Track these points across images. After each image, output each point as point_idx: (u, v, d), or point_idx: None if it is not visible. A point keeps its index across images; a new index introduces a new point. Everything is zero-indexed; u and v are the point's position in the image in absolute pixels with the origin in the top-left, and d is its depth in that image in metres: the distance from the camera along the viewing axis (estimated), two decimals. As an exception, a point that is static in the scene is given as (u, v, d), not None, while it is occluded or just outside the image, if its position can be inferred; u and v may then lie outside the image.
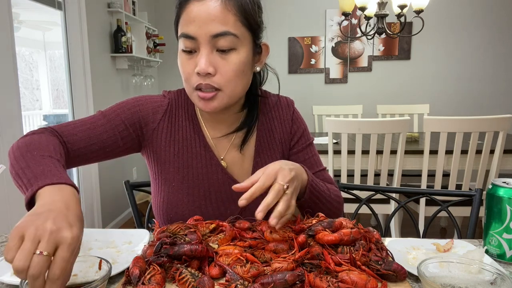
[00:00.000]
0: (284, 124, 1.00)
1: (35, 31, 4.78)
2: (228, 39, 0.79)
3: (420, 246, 0.79)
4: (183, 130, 0.95)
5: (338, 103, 4.03)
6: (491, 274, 0.59)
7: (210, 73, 0.80)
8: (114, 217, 3.33)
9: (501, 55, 4.03)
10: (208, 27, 0.78)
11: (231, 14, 0.79)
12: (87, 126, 0.88)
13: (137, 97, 0.95)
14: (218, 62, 0.81)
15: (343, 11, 2.69)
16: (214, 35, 0.78)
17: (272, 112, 1.00)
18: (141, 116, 0.92)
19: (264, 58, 0.91)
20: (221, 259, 0.67)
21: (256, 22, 0.84)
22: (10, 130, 2.03)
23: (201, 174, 0.94)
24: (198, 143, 0.94)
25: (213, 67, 0.80)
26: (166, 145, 0.94)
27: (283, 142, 1.00)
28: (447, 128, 2.12)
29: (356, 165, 2.27)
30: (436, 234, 3.01)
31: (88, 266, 0.63)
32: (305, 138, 1.01)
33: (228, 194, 0.94)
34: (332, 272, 0.63)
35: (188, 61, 0.82)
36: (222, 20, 0.78)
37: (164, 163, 0.94)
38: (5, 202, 1.96)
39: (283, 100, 1.03)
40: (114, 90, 3.30)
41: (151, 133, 0.93)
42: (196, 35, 0.79)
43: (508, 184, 0.75)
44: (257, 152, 0.97)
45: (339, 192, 0.98)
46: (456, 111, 4.04)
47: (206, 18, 0.78)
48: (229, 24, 0.79)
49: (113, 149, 0.91)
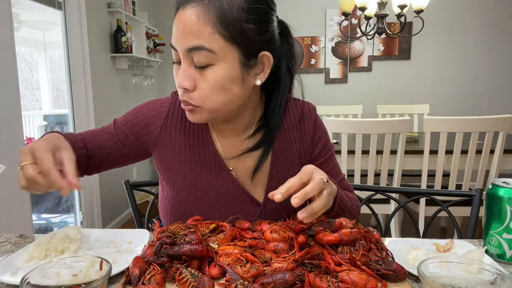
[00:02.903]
0: (305, 135, 0.92)
1: (35, 31, 4.78)
2: (202, 54, 0.71)
3: (420, 246, 0.79)
4: (190, 135, 0.89)
5: (338, 103, 4.03)
6: (491, 274, 0.59)
7: (188, 89, 0.75)
8: (114, 217, 3.33)
9: (501, 55, 4.03)
10: (184, 40, 0.72)
11: (208, 26, 0.70)
12: (97, 133, 0.91)
13: (142, 104, 0.93)
14: (197, 77, 0.74)
15: (343, 11, 2.69)
16: (188, 49, 0.72)
17: (292, 119, 0.91)
18: (142, 125, 0.90)
19: (267, 69, 0.79)
20: (221, 259, 0.67)
21: (243, 34, 0.73)
22: (10, 130, 2.03)
23: (211, 185, 0.88)
24: (206, 151, 0.88)
25: (191, 82, 0.74)
26: (172, 151, 0.89)
27: (302, 154, 0.91)
28: (447, 128, 2.12)
29: (356, 165, 2.27)
30: (436, 234, 3.01)
31: (88, 266, 0.63)
32: (326, 149, 0.94)
33: (239, 208, 0.88)
34: (332, 272, 0.63)
35: (177, 72, 0.78)
36: (197, 32, 0.71)
37: (172, 170, 0.90)
38: (5, 202, 1.96)
39: (305, 108, 0.94)
40: (114, 90, 3.30)
41: (156, 139, 0.90)
42: (176, 46, 0.75)
43: (508, 184, 0.75)
44: (273, 164, 0.89)
45: (358, 200, 0.94)
46: (456, 111, 4.04)
47: (182, 30, 0.72)
48: (204, 37, 0.71)
49: (120, 156, 0.91)
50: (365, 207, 1.25)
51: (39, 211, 3.41)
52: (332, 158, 0.95)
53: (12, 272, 0.68)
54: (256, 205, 0.89)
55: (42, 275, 0.59)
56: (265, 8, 0.77)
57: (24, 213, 2.13)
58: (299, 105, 0.94)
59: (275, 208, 0.87)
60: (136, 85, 3.70)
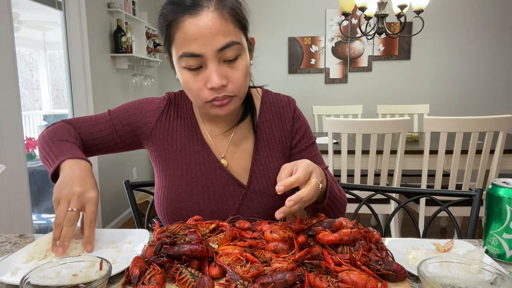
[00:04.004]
0: (284, 123, 1.00)
1: (35, 31, 4.78)
2: (233, 48, 0.79)
3: (420, 246, 0.79)
4: (180, 128, 0.98)
5: (338, 103, 4.03)
6: (491, 274, 0.59)
7: (225, 85, 0.81)
8: (114, 217, 3.33)
9: (501, 55, 4.03)
10: (213, 42, 0.77)
11: (229, 23, 0.79)
12: (91, 123, 0.99)
13: (139, 100, 1.02)
14: (228, 72, 0.81)
15: (343, 11, 2.69)
16: (220, 49, 0.78)
17: (273, 109, 1.00)
18: (139, 117, 0.98)
19: (253, 52, 0.92)
20: (221, 259, 0.67)
21: (245, 20, 0.84)
22: (10, 130, 2.03)
23: (199, 170, 0.96)
24: (195, 141, 0.97)
25: (225, 79, 0.81)
26: (165, 143, 0.98)
27: (283, 141, 0.99)
28: (447, 128, 2.12)
29: (356, 165, 2.27)
30: (436, 234, 3.01)
31: (88, 266, 0.63)
32: (307, 138, 1.01)
33: (225, 190, 0.95)
34: (332, 272, 0.63)
35: (195, 78, 0.82)
36: (224, 31, 0.78)
37: (165, 159, 0.98)
38: (5, 202, 1.96)
39: (284, 99, 1.02)
40: (114, 90, 3.30)
41: (150, 132, 0.98)
42: (202, 52, 0.78)
43: (508, 184, 0.75)
44: (256, 149, 0.97)
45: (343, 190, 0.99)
46: (456, 111, 4.04)
47: (209, 34, 0.77)
48: (231, 33, 0.79)
49: (112, 144, 1.00)
50: (365, 207, 1.25)
51: (39, 211, 3.41)
52: (313, 147, 1.02)
53: (12, 272, 0.68)
54: (241, 187, 0.95)
55: (42, 275, 0.59)
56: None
57: (24, 213, 2.13)
58: (279, 97, 1.02)
59: (259, 190, 0.95)
60: (136, 85, 3.70)
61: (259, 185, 0.95)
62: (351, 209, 1.32)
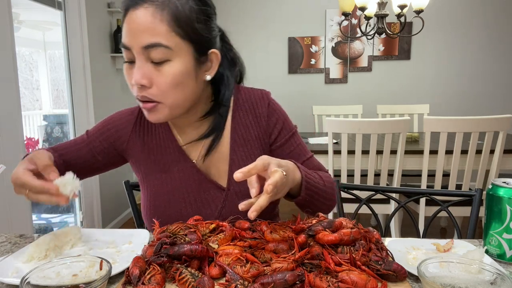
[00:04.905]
0: (259, 119, 0.96)
1: (35, 31, 4.78)
2: (159, 50, 0.76)
3: (420, 246, 0.79)
4: (156, 137, 0.97)
5: (338, 103, 4.03)
6: (491, 274, 0.59)
7: (145, 85, 0.78)
8: (114, 217, 3.33)
9: (501, 55, 4.03)
10: (139, 38, 0.76)
11: (164, 25, 0.76)
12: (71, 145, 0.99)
13: (113, 114, 1.02)
14: (153, 73, 0.78)
15: (343, 11, 2.69)
16: (145, 47, 0.76)
17: (246, 106, 0.97)
18: (113, 131, 0.99)
19: (215, 65, 0.87)
20: (221, 259, 0.67)
21: (195, 32, 0.80)
22: (10, 130, 2.03)
23: (178, 178, 0.94)
24: (171, 149, 0.95)
25: (147, 79, 0.78)
26: (143, 154, 0.97)
27: (260, 138, 0.96)
28: (447, 128, 2.12)
29: (356, 165, 2.27)
30: (436, 234, 3.01)
31: (88, 266, 0.63)
32: (286, 130, 0.97)
33: (206, 195, 0.94)
34: (332, 272, 0.63)
35: (129, 72, 0.81)
36: (153, 31, 0.76)
37: (144, 170, 0.98)
38: (5, 202, 1.96)
39: (257, 93, 0.98)
40: (114, 90, 3.30)
41: (126, 145, 0.98)
42: (130, 45, 0.78)
43: (508, 184, 0.75)
44: (233, 150, 0.95)
45: (330, 177, 0.95)
46: (456, 111, 4.04)
47: (137, 29, 0.76)
48: (161, 35, 0.76)
49: (95, 163, 0.99)
50: (365, 207, 1.25)
51: (39, 211, 3.41)
52: (294, 138, 0.98)
53: (12, 272, 0.68)
54: (221, 190, 0.94)
55: (42, 275, 0.59)
56: (211, 11, 0.84)
57: (24, 213, 2.13)
58: (252, 93, 0.99)
59: (239, 191, 0.93)
60: (136, 85, 3.70)
61: (239, 186, 0.91)
62: (351, 209, 1.32)
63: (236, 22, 4.08)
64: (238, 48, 0.99)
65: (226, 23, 4.47)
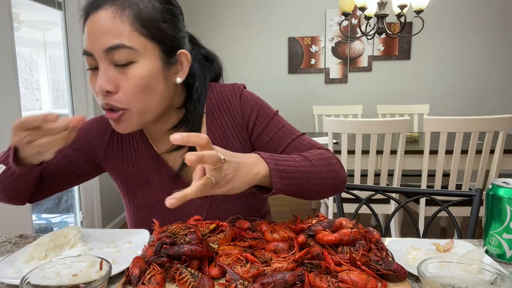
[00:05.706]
0: (234, 116, 0.90)
1: (35, 31, 4.77)
2: (123, 52, 0.72)
3: (420, 246, 0.79)
4: (133, 146, 0.93)
5: (338, 103, 4.03)
6: (491, 274, 0.59)
7: (111, 91, 0.74)
8: (114, 217, 3.33)
9: (501, 55, 4.03)
10: (101, 41, 0.72)
11: (126, 25, 0.72)
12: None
13: (88, 121, 0.95)
14: (118, 78, 0.74)
15: (343, 11, 2.69)
16: (107, 49, 0.72)
17: (219, 105, 0.91)
18: (85, 140, 0.93)
19: (186, 68, 0.82)
20: (221, 259, 0.67)
21: (161, 31, 0.76)
22: (10, 130, 2.03)
23: (160, 188, 0.91)
24: (150, 158, 0.92)
25: (112, 84, 0.73)
26: (121, 164, 0.93)
27: (239, 135, 0.90)
28: (447, 128, 2.12)
29: (356, 165, 2.27)
30: (436, 234, 3.01)
31: (88, 266, 0.63)
32: (262, 117, 0.90)
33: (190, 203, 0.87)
34: (332, 272, 0.63)
35: (93, 79, 0.77)
36: (115, 32, 0.72)
37: (125, 181, 0.94)
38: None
39: (228, 89, 0.92)
40: (114, 90, 3.30)
41: (104, 155, 0.94)
42: (91, 50, 0.74)
43: (508, 184, 0.75)
44: None
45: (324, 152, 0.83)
46: (456, 111, 4.04)
47: (97, 32, 0.72)
48: (123, 36, 0.72)
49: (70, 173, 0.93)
50: (365, 207, 1.25)
51: (39, 211, 3.41)
52: (275, 121, 0.90)
53: (12, 272, 0.68)
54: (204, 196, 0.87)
55: (42, 275, 0.59)
56: (176, 10, 0.81)
57: (24, 213, 2.13)
58: (223, 89, 0.92)
59: (223, 197, 0.89)
60: (136, 85, 3.69)
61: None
62: (351, 209, 1.32)
63: (236, 22, 4.08)
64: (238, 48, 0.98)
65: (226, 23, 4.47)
